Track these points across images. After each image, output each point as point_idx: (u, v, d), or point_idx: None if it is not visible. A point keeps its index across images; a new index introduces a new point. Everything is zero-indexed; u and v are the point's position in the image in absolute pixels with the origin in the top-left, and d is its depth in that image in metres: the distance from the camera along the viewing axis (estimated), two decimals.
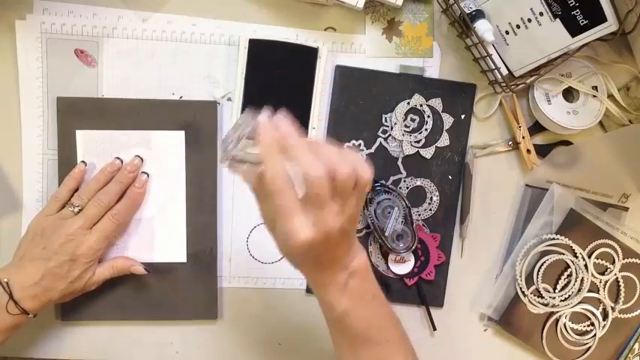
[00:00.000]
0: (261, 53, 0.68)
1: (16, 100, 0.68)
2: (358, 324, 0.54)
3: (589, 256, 0.71)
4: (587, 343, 0.72)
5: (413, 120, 0.71)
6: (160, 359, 0.72)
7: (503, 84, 0.66)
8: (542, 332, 0.72)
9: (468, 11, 0.65)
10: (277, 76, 0.68)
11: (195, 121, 0.69)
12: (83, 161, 0.67)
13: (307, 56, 0.68)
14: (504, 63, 0.68)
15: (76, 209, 0.64)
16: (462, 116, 0.71)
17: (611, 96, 0.70)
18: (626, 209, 0.73)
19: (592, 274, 0.71)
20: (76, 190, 0.66)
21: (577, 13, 0.61)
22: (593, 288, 0.71)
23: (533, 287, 0.71)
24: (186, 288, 0.70)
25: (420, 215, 0.72)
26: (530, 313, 0.71)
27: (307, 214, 0.46)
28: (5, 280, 0.60)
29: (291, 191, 0.47)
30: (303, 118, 0.69)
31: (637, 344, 0.73)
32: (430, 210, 0.72)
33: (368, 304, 0.55)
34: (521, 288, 0.71)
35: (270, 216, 0.50)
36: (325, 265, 0.51)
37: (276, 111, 0.49)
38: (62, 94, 0.68)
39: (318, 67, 0.68)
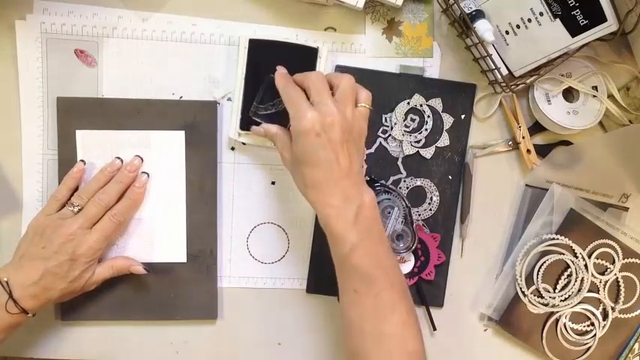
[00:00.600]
0: (261, 53, 0.68)
1: (16, 100, 0.68)
2: (365, 262, 0.56)
3: (589, 256, 0.71)
4: (587, 343, 0.72)
5: (413, 120, 0.71)
6: (159, 359, 0.72)
7: (503, 84, 0.66)
8: (542, 332, 0.72)
9: (468, 11, 0.65)
10: (273, 73, 0.68)
11: (195, 121, 0.69)
12: (82, 160, 0.67)
13: (307, 56, 0.68)
14: (504, 63, 0.68)
15: (76, 209, 0.64)
16: (462, 116, 0.71)
17: (611, 96, 0.70)
18: (626, 209, 0.73)
19: (592, 274, 0.71)
20: (76, 189, 0.66)
21: (577, 13, 0.61)
22: (593, 288, 0.71)
23: (533, 287, 0.71)
24: (186, 288, 0.70)
25: (420, 215, 0.72)
26: (530, 313, 0.71)
27: (314, 105, 0.57)
28: (5, 279, 0.60)
29: (301, 91, 0.59)
30: None
31: (637, 344, 0.73)
32: (430, 210, 0.72)
33: (375, 245, 0.57)
34: (521, 288, 0.71)
35: (289, 154, 0.59)
36: (335, 183, 0.56)
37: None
38: (62, 94, 0.68)
39: (318, 67, 0.68)
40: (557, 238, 0.71)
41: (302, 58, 0.68)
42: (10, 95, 0.68)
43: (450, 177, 0.72)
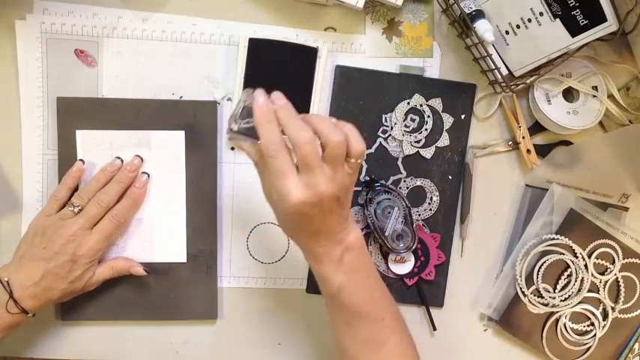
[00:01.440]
0: (261, 52, 0.68)
1: (16, 100, 0.68)
2: (354, 300, 0.56)
3: (589, 256, 0.71)
4: (587, 343, 0.72)
5: (413, 120, 0.71)
6: (159, 359, 0.72)
7: (503, 84, 0.66)
8: (542, 332, 0.72)
9: (468, 11, 0.65)
10: (277, 76, 0.68)
11: (195, 121, 0.69)
12: (81, 159, 0.67)
13: (307, 56, 0.68)
14: (504, 63, 0.68)
15: (77, 209, 0.64)
16: (462, 116, 0.71)
17: (611, 96, 0.70)
18: (626, 209, 0.73)
19: (592, 274, 0.71)
20: (75, 188, 0.66)
21: (577, 13, 0.61)
22: (593, 288, 0.71)
23: (533, 287, 0.71)
24: (186, 288, 0.70)
25: (420, 215, 0.72)
26: (530, 313, 0.71)
27: (301, 177, 0.50)
28: (6, 279, 0.60)
29: (286, 155, 0.50)
30: None
31: (637, 344, 0.73)
32: (430, 210, 0.72)
33: (363, 280, 0.57)
34: (521, 288, 0.71)
35: (269, 188, 0.54)
36: (321, 234, 0.53)
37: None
38: (62, 94, 0.68)
39: (317, 67, 0.68)
40: (557, 238, 0.71)
41: (301, 58, 0.68)
42: (10, 95, 0.68)
43: (450, 177, 0.72)
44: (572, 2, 0.61)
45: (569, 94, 0.70)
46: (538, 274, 0.71)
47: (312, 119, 0.51)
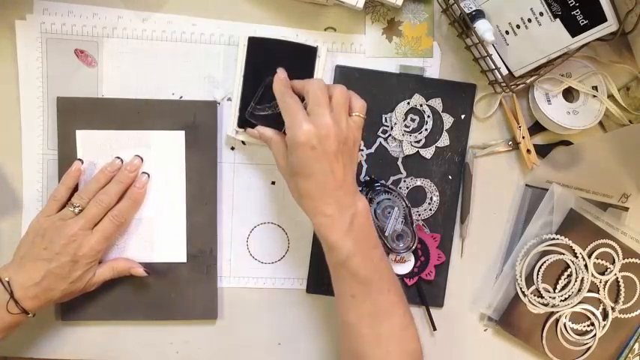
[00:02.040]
0: (261, 51, 0.68)
1: (16, 100, 0.68)
2: (361, 268, 0.57)
3: (589, 256, 0.71)
4: (587, 343, 0.72)
5: (413, 120, 0.71)
6: (159, 359, 0.72)
7: (503, 84, 0.66)
8: (542, 332, 0.72)
9: (468, 11, 0.65)
10: (273, 74, 0.68)
11: (195, 121, 0.69)
12: (80, 159, 0.67)
13: (306, 55, 0.68)
14: (504, 63, 0.68)
15: (77, 209, 0.64)
16: (462, 116, 0.71)
17: (611, 96, 0.70)
18: (626, 209, 0.73)
19: (592, 274, 0.71)
20: (75, 189, 0.66)
21: (577, 13, 0.61)
22: (593, 288, 0.71)
23: (533, 287, 0.71)
24: (186, 288, 0.70)
25: (420, 215, 0.72)
26: (530, 313, 0.71)
27: (311, 115, 0.57)
28: (6, 279, 0.60)
29: (298, 101, 0.59)
30: None
31: (637, 344, 0.73)
32: (430, 210, 0.72)
33: (370, 250, 0.58)
34: (521, 288, 0.71)
35: (282, 159, 0.60)
36: (330, 192, 0.56)
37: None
38: (62, 94, 0.68)
39: (317, 67, 0.68)
40: (557, 238, 0.71)
41: (301, 57, 0.68)
42: (10, 95, 0.68)
43: (450, 177, 0.72)
44: (572, 2, 0.61)
45: (569, 94, 0.70)
46: (538, 274, 0.71)
47: (320, 80, 0.61)
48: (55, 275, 0.61)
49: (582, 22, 0.61)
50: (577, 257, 0.71)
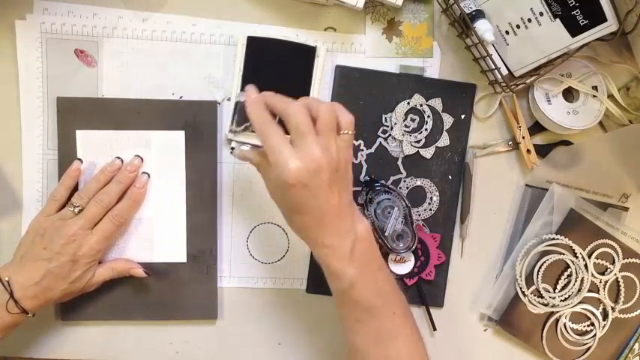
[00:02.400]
0: (260, 51, 0.68)
1: (16, 100, 0.68)
2: (365, 294, 0.55)
3: (589, 256, 0.71)
4: (587, 343, 0.72)
5: (413, 120, 0.71)
6: (160, 359, 0.72)
7: (503, 84, 0.66)
8: (542, 332, 0.72)
9: (468, 11, 0.65)
10: (275, 74, 0.68)
11: (195, 121, 0.69)
12: (79, 159, 0.67)
13: (305, 55, 0.68)
14: (504, 63, 0.68)
15: (77, 209, 0.63)
16: (462, 116, 0.71)
17: (611, 96, 0.70)
18: (626, 209, 0.73)
19: (592, 274, 0.71)
20: (74, 188, 0.66)
21: (577, 13, 0.61)
22: (593, 288, 0.71)
23: (533, 287, 0.71)
24: (186, 288, 0.70)
25: (420, 215, 0.72)
26: (530, 313, 0.71)
27: (296, 148, 0.51)
28: (6, 278, 0.60)
29: (279, 130, 0.52)
30: None
31: (637, 344, 0.73)
32: (430, 210, 0.72)
33: (374, 274, 0.56)
34: (521, 288, 0.71)
35: (272, 185, 0.56)
36: (328, 222, 0.53)
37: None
38: (62, 94, 0.68)
39: (316, 66, 0.68)
40: (557, 238, 0.71)
41: (300, 57, 0.68)
42: (10, 95, 0.68)
43: (450, 177, 0.72)
44: (572, 2, 0.61)
45: (569, 94, 0.70)
46: (538, 274, 0.71)
47: (299, 99, 0.54)
48: (55, 275, 0.61)
49: (582, 22, 0.61)
50: (577, 257, 0.71)
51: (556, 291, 0.71)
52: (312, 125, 0.52)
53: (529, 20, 0.64)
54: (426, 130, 0.71)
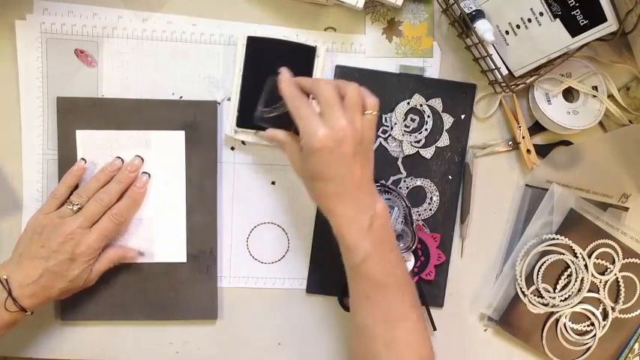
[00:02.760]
0: (259, 51, 0.68)
1: (16, 100, 0.68)
2: (377, 271, 0.56)
3: (589, 256, 0.71)
4: (587, 343, 0.72)
5: (413, 120, 0.71)
6: (159, 359, 0.72)
7: (503, 84, 0.66)
8: (542, 332, 0.72)
9: (468, 11, 0.65)
10: (275, 74, 0.68)
11: (195, 121, 0.69)
12: (83, 158, 0.67)
13: (305, 55, 0.68)
14: (504, 63, 0.68)
15: (75, 208, 0.63)
16: (462, 116, 0.71)
17: (611, 96, 0.70)
18: (626, 209, 0.73)
19: (592, 274, 0.71)
20: (75, 188, 0.66)
21: (577, 13, 0.61)
22: (593, 288, 0.71)
23: (533, 287, 0.71)
24: (186, 288, 0.70)
25: (420, 215, 0.72)
26: (530, 313, 0.71)
27: (324, 118, 0.55)
28: (5, 276, 0.60)
29: (309, 104, 0.57)
30: None
31: (637, 344, 0.73)
32: (430, 210, 0.72)
33: (387, 254, 0.57)
34: (521, 288, 0.71)
35: (298, 161, 0.59)
36: (349, 192, 0.56)
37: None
38: (62, 94, 0.68)
39: (316, 66, 0.68)
40: (557, 238, 0.71)
41: (300, 57, 0.68)
42: (10, 95, 0.68)
43: (450, 177, 0.72)
44: (572, 2, 0.61)
45: (569, 94, 0.70)
46: (538, 274, 0.71)
47: (329, 80, 0.60)
48: (53, 273, 0.61)
49: (582, 22, 0.61)
50: (577, 257, 0.71)
51: (556, 291, 0.71)
52: (340, 100, 0.56)
53: (529, 20, 0.64)
54: (426, 130, 0.71)
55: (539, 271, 0.71)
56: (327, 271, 0.71)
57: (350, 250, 0.56)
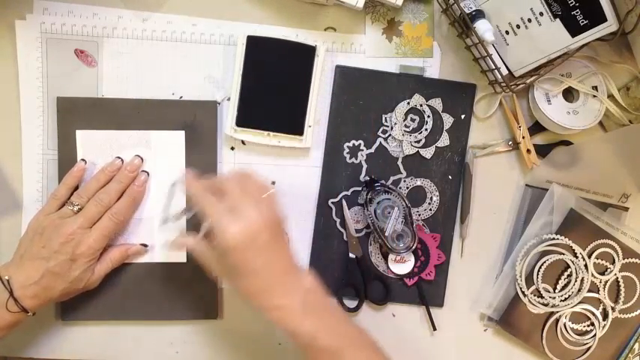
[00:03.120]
0: (259, 50, 0.68)
1: (16, 100, 0.68)
2: (328, 340, 0.56)
3: (589, 256, 0.71)
4: (587, 343, 0.72)
5: (413, 120, 0.71)
6: (159, 359, 0.72)
7: (503, 84, 0.66)
8: (542, 332, 0.72)
9: (468, 11, 0.65)
10: (275, 74, 0.68)
11: (195, 121, 0.69)
12: (83, 159, 0.67)
13: (305, 54, 0.68)
14: (504, 63, 0.68)
15: (76, 208, 0.64)
16: (462, 116, 0.71)
17: (611, 96, 0.70)
18: (626, 209, 0.73)
19: (592, 274, 0.71)
20: (76, 188, 0.66)
21: (577, 13, 0.61)
22: (593, 288, 0.71)
23: (533, 287, 0.71)
24: (186, 288, 0.70)
25: (420, 215, 0.72)
26: (530, 313, 0.71)
27: (232, 214, 0.55)
28: (6, 277, 0.60)
29: (215, 201, 0.57)
30: (299, 117, 0.69)
31: (637, 344, 0.73)
32: (430, 210, 0.72)
33: (331, 317, 0.58)
34: (521, 288, 0.71)
35: (216, 258, 0.58)
36: (275, 284, 0.56)
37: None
38: (62, 94, 0.68)
39: (315, 66, 0.68)
40: (557, 238, 0.71)
41: (299, 56, 0.68)
42: (10, 95, 0.68)
43: (450, 177, 0.72)
44: (572, 2, 0.61)
45: (569, 94, 0.70)
46: (538, 274, 0.71)
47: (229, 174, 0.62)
48: (54, 274, 0.61)
49: (582, 22, 0.61)
50: (577, 257, 0.71)
51: (556, 291, 0.71)
52: (245, 193, 0.57)
53: (529, 20, 0.64)
54: (426, 130, 0.71)
55: (539, 271, 0.71)
56: (327, 271, 0.71)
57: (295, 336, 0.56)
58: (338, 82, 0.70)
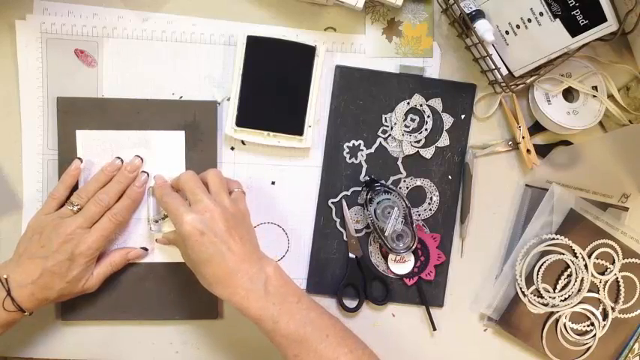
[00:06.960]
0: (259, 50, 0.68)
1: (16, 100, 0.68)
2: (292, 328, 0.57)
3: (589, 256, 0.71)
4: (587, 343, 0.72)
5: (413, 120, 0.71)
6: (159, 359, 0.72)
7: (503, 84, 0.66)
8: (542, 332, 0.72)
9: (467, 11, 0.65)
10: (275, 74, 0.68)
11: (195, 121, 0.69)
12: (79, 158, 0.67)
13: (305, 54, 0.68)
14: (504, 63, 0.68)
15: (75, 208, 0.64)
16: (462, 116, 0.71)
17: (611, 96, 0.70)
18: (626, 209, 0.73)
19: (592, 274, 0.71)
20: (74, 187, 0.66)
21: (577, 13, 0.61)
22: (593, 288, 0.71)
23: (533, 287, 0.71)
24: (187, 288, 0.70)
25: (420, 215, 0.72)
26: (530, 313, 0.71)
27: (192, 206, 0.59)
28: (5, 276, 0.60)
29: (177, 197, 0.61)
30: (299, 117, 0.69)
31: (637, 344, 0.73)
32: (430, 210, 0.72)
33: (295, 305, 0.58)
34: (521, 288, 0.71)
35: (182, 249, 0.63)
36: (236, 271, 0.57)
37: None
38: (62, 94, 0.68)
39: (315, 66, 0.68)
40: (557, 238, 0.71)
41: (299, 56, 0.68)
42: (10, 95, 0.68)
43: (450, 177, 0.72)
44: (572, 2, 0.61)
45: (569, 94, 0.70)
46: (538, 274, 0.71)
47: (188, 171, 0.64)
48: (52, 273, 0.61)
49: (582, 22, 0.61)
50: (577, 257, 0.71)
51: (556, 291, 0.71)
52: (204, 187, 0.61)
53: (529, 20, 0.64)
54: (426, 130, 0.71)
55: (539, 271, 0.71)
56: (327, 271, 0.71)
57: (258, 321, 0.57)
58: (338, 82, 0.70)
